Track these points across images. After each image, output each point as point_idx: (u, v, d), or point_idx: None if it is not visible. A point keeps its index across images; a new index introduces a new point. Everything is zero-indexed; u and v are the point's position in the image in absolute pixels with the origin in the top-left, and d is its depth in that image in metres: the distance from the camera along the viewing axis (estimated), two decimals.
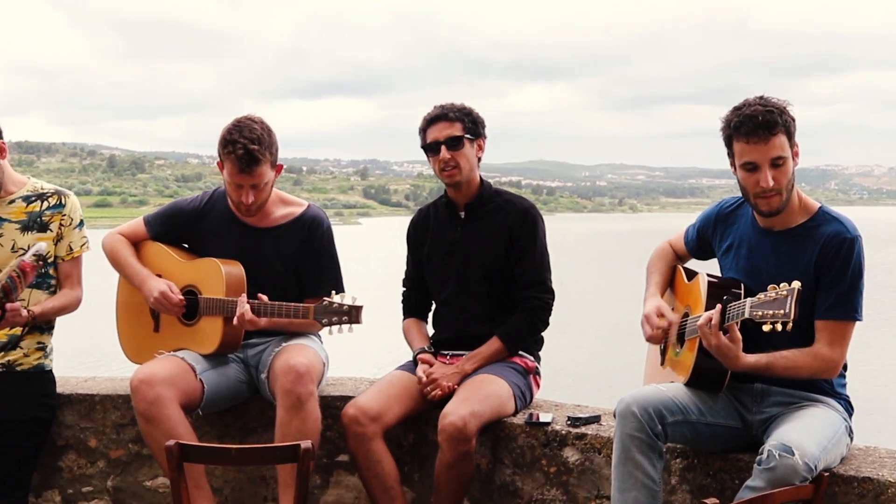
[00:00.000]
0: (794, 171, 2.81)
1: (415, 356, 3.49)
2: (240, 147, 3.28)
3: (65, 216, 3.46)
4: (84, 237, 3.54)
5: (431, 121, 3.43)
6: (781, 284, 2.54)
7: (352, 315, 3.16)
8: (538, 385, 3.53)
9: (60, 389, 3.57)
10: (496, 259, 3.43)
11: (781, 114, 2.74)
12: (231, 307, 3.29)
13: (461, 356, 3.44)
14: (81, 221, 3.53)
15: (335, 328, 3.19)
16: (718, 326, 2.67)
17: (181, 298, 3.40)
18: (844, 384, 2.93)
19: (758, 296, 2.59)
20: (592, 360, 17.73)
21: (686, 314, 3.03)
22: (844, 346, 2.79)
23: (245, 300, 3.24)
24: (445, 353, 3.51)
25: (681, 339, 3.01)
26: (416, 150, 3.51)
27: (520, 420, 3.31)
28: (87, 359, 13.91)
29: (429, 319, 3.69)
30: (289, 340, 3.43)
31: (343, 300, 3.17)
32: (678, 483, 3.00)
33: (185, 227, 3.57)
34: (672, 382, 2.95)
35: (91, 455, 3.63)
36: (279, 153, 3.43)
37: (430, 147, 3.42)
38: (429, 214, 3.62)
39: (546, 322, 3.48)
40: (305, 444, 2.59)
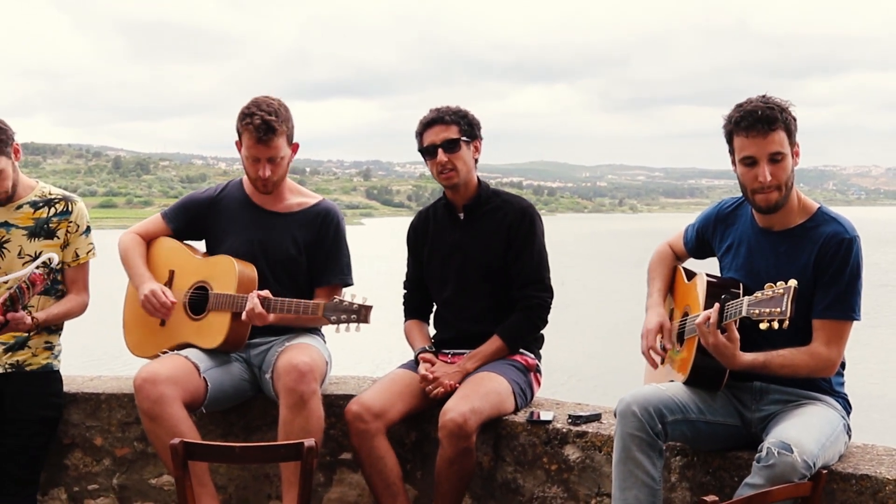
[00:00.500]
0: (794, 171, 2.82)
1: (416, 356, 3.51)
2: (257, 118, 3.35)
3: (71, 223, 3.48)
4: (90, 244, 3.56)
5: (428, 124, 3.45)
6: (778, 283, 2.56)
7: (361, 314, 3.20)
8: (539, 383, 3.55)
9: (66, 388, 3.59)
10: (495, 259, 3.45)
11: (782, 111, 2.76)
12: (240, 303, 3.32)
13: (462, 355, 3.46)
14: (88, 228, 3.55)
15: (342, 326, 3.22)
16: (716, 325, 2.69)
17: (172, 301, 3.41)
18: (843, 382, 2.94)
19: (755, 294, 2.60)
20: (593, 359, 17.74)
21: (685, 314, 3.05)
22: (841, 346, 2.81)
23: (255, 295, 3.27)
24: (447, 353, 3.53)
25: (680, 339, 3.03)
26: (418, 151, 3.54)
27: (521, 418, 3.32)
28: (92, 357, 13.92)
29: (430, 320, 3.71)
30: (292, 340, 3.46)
31: (354, 299, 3.20)
32: (678, 481, 3.01)
33: (202, 216, 3.61)
34: (671, 381, 2.96)
35: (97, 453, 3.64)
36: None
37: (428, 151, 3.44)
38: (428, 217, 3.64)
39: (545, 320, 3.50)
40: (309, 443, 2.59)
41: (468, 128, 3.45)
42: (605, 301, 26.02)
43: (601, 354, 18.15)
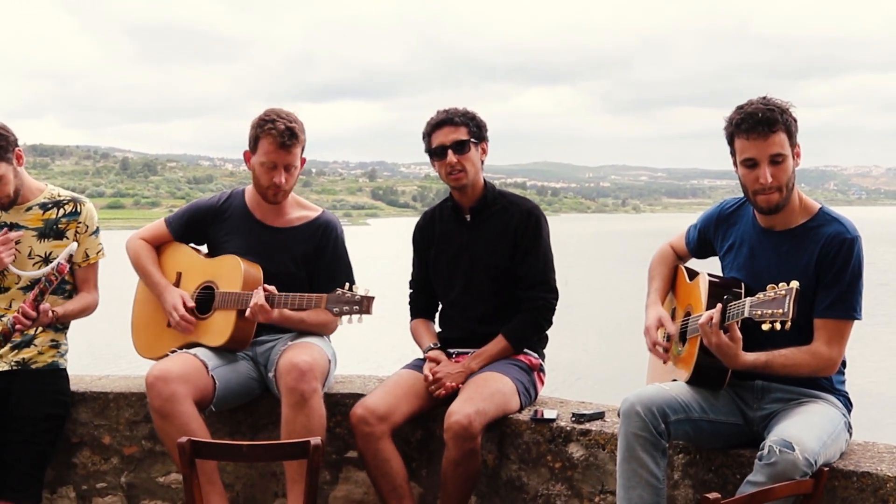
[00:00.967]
0: (795, 172, 2.83)
1: (425, 353, 3.53)
2: (281, 123, 3.39)
3: (80, 224, 3.51)
4: (100, 244, 3.59)
5: (437, 125, 3.46)
6: (780, 284, 2.57)
7: (363, 305, 3.21)
8: (542, 382, 3.56)
9: (74, 387, 3.61)
10: (502, 260, 3.47)
11: (782, 113, 2.77)
12: (245, 300, 3.35)
13: (467, 354, 3.48)
14: (97, 228, 3.58)
15: (346, 318, 3.24)
16: (719, 325, 2.70)
17: (191, 306, 3.47)
18: (843, 381, 2.95)
19: (757, 295, 2.62)
20: (596, 358, 17.75)
21: (688, 313, 3.07)
22: (842, 345, 2.82)
23: (260, 291, 3.30)
24: (451, 352, 3.54)
25: (682, 338, 3.05)
26: (424, 153, 3.55)
27: (525, 416, 3.34)
28: (97, 356, 13.95)
29: (435, 319, 3.72)
30: (296, 339, 3.47)
31: (356, 291, 3.23)
32: (681, 478, 3.03)
33: (204, 225, 3.64)
34: (674, 380, 2.98)
35: (105, 452, 3.67)
36: None
37: (436, 151, 3.46)
38: (434, 218, 3.65)
39: (549, 321, 3.51)
40: (315, 441, 2.60)
41: (476, 129, 3.47)
42: (608, 300, 26.03)
43: (604, 353, 18.17)
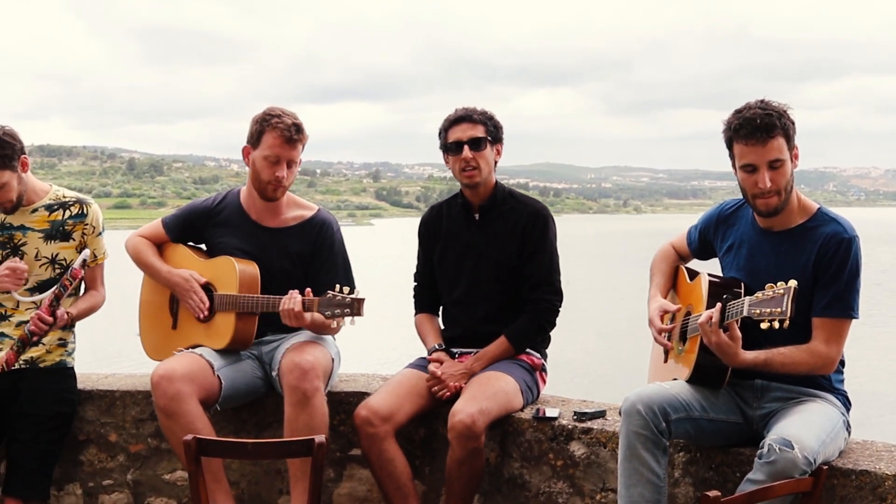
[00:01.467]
0: (794, 173, 2.85)
1: (429, 354, 3.54)
2: (287, 118, 3.42)
3: (87, 225, 3.53)
4: (104, 245, 3.62)
5: (455, 121, 3.48)
6: (779, 283, 2.59)
7: (354, 307, 3.23)
8: (544, 381, 3.58)
9: (81, 385, 3.64)
10: (508, 260, 3.47)
11: (780, 117, 2.78)
12: (243, 302, 3.38)
13: (470, 354, 3.50)
14: (103, 229, 3.61)
15: (337, 321, 3.25)
16: (719, 324, 2.73)
17: (203, 294, 3.49)
18: (842, 380, 2.97)
19: (756, 294, 2.64)
20: (597, 357, 17.77)
21: (688, 313, 3.09)
22: (841, 343, 2.83)
23: (297, 297, 3.28)
24: (455, 352, 3.55)
25: (683, 337, 3.07)
26: (427, 153, 3.59)
27: (527, 415, 3.36)
28: (103, 354, 13.98)
29: (439, 314, 3.73)
30: (300, 338, 3.49)
31: (346, 293, 3.24)
32: (681, 476, 3.06)
33: (199, 226, 3.66)
34: (675, 379, 2.99)
35: (111, 449, 3.69)
36: None
37: (452, 147, 3.47)
38: (441, 213, 3.66)
39: (553, 323, 3.53)
40: (319, 439, 2.62)
41: (493, 129, 3.49)
42: (610, 300, 26.04)
43: (606, 352, 18.19)
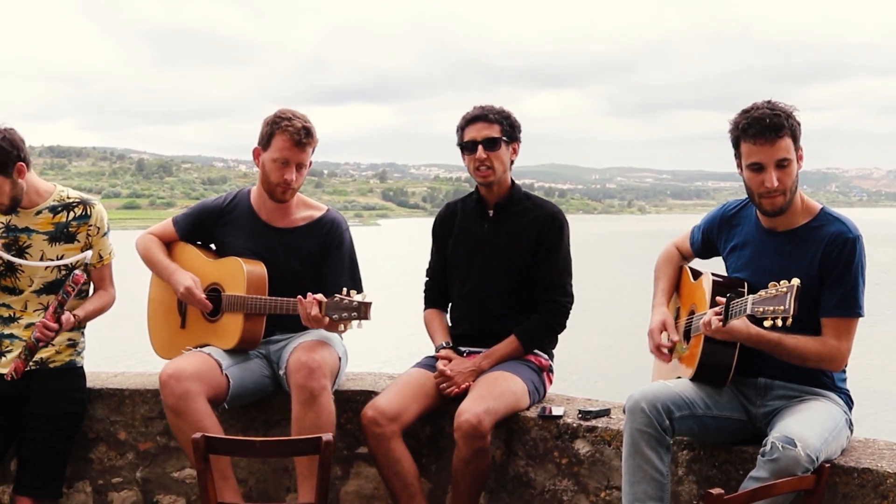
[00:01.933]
0: (798, 174, 2.87)
1: (437, 351, 3.56)
2: (298, 122, 3.45)
3: (91, 226, 3.52)
4: (111, 244, 3.62)
5: (471, 120, 3.49)
6: (781, 282, 2.60)
7: (361, 311, 3.23)
8: (551, 381, 3.60)
9: (91, 384, 3.66)
10: (520, 259, 3.49)
11: (788, 118, 2.81)
12: (250, 303, 3.41)
13: (478, 353, 3.51)
14: (108, 229, 3.60)
15: (343, 324, 3.25)
16: (722, 321, 2.75)
17: (203, 297, 3.50)
18: (845, 379, 2.99)
19: (759, 293, 2.65)
20: (602, 356, 17.78)
21: (692, 312, 3.11)
22: (850, 340, 2.85)
23: (315, 303, 3.26)
24: (463, 350, 3.57)
25: (687, 336, 3.09)
26: (433, 154, 3.63)
27: (533, 413, 3.38)
28: (110, 353, 14.01)
29: (448, 310, 3.74)
30: (307, 337, 3.51)
31: (353, 296, 3.25)
32: (685, 474, 3.08)
33: (209, 225, 3.68)
34: (679, 377, 3.02)
35: (121, 447, 3.71)
36: None
37: (467, 145, 3.49)
38: (455, 210, 3.67)
39: (563, 325, 3.54)
40: (327, 437, 2.65)
41: (509, 129, 3.49)
42: (614, 299, 26.01)
43: (610, 351, 18.19)
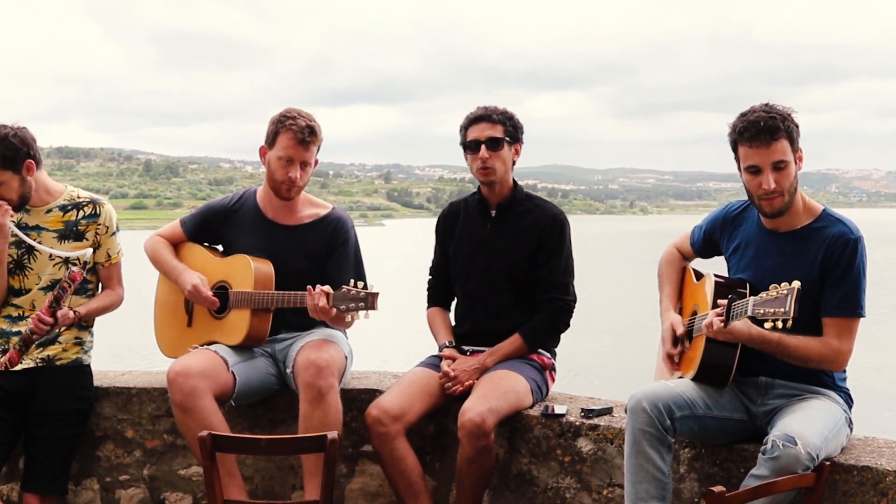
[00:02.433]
0: (798, 175, 2.89)
1: (440, 350, 3.59)
2: (302, 120, 3.48)
3: (100, 225, 3.54)
4: (119, 244, 3.63)
5: (474, 120, 3.52)
6: (783, 284, 2.61)
7: (368, 301, 3.24)
8: (553, 380, 3.62)
9: (98, 383, 3.68)
10: (522, 259, 3.51)
11: (784, 120, 2.83)
12: (258, 299, 3.44)
13: (481, 352, 3.54)
14: (117, 228, 3.63)
15: (351, 315, 3.27)
16: (724, 321, 2.76)
17: (210, 294, 3.54)
18: (845, 378, 3.01)
19: (760, 295, 2.66)
20: (605, 355, 17.81)
21: (694, 312, 3.13)
22: (851, 340, 2.87)
23: (322, 295, 3.28)
24: (466, 349, 3.60)
25: (689, 336, 3.12)
26: (438, 155, 3.64)
27: (536, 412, 3.40)
28: (117, 352, 14.06)
29: (452, 308, 3.77)
30: (314, 336, 3.54)
31: (360, 287, 3.27)
32: (686, 472, 3.10)
33: (216, 225, 3.72)
34: (680, 377, 3.04)
35: (128, 445, 3.74)
36: None
37: (470, 145, 3.51)
38: (458, 209, 3.70)
39: (567, 324, 3.56)
40: (332, 435, 2.67)
41: (512, 130, 3.52)
42: (617, 299, 26.04)
43: (613, 350, 18.23)
